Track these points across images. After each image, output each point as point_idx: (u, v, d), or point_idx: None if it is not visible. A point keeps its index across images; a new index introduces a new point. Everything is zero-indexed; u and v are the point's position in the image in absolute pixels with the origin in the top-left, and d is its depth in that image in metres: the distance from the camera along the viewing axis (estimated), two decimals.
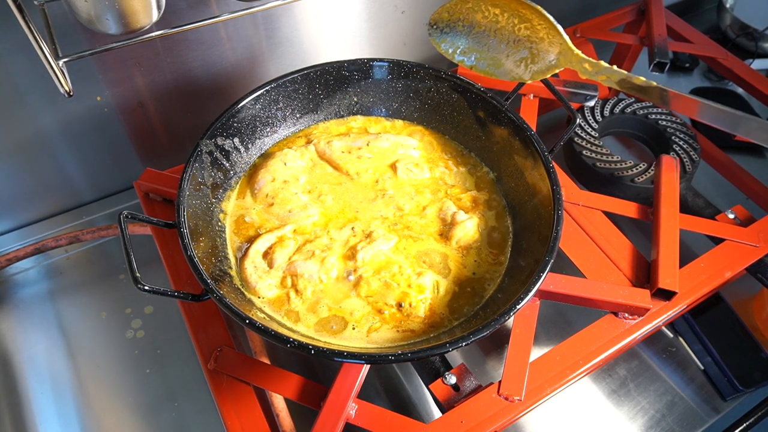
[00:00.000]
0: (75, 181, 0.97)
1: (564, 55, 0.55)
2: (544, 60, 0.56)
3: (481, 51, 0.59)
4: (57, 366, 0.82)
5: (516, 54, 0.58)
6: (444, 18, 0.59)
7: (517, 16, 0.56)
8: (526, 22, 0.56)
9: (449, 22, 0.59)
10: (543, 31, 0.55)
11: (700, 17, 1.48)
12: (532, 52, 0.57)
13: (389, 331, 0.67)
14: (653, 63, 1.02)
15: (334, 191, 0.79)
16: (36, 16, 0.62)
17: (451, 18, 0.59)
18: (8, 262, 0.88)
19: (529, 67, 0.57)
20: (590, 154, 0.97)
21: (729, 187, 1.01)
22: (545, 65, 0.56)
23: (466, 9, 0.58)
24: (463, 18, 0.58)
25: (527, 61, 0.58)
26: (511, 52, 0.58)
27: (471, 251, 0.74)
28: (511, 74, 0.59)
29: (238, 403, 0.66)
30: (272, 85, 0.79)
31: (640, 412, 0.79)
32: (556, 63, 0.56)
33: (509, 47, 0.58)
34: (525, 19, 0.55)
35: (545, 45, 0.56)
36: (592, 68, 0.54)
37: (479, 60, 0.60)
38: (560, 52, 0.55)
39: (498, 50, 0.58)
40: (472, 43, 0.59)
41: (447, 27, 0.60)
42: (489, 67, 0.60)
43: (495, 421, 0.64)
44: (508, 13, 0.56)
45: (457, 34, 0.59)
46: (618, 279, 0.77)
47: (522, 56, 0.58)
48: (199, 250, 0.65)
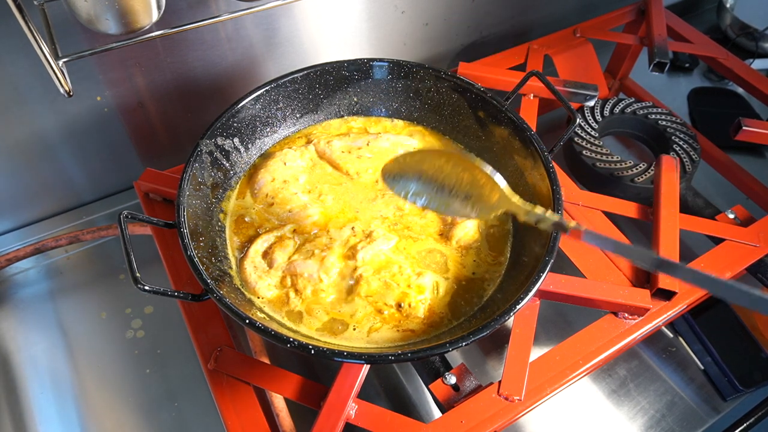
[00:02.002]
0: (75, 181, 0.97)
1: (503, 200, 0.61)
2: (487, 202, 0.62)
3: (430, 194, 0.65)
4: (57, 366, 0.82)
5: (462, 196, 0.64)
6: (394, 170, 0.66)
7: (460, 165, 0.62)
8: (467, 171, 0.62)
9: (399, 172, 0.66)
10: (483, 179, 0.61)
11: (700, 17, 1.48)
12: (475, 195, 0.63)
13: (389, 331, 0.67)
14: (653, 63, 1.02)
15: (334, 191, 0.79)
16: (36, 16, 0.62)
17: (400, 169, 0.66)
18: (8, 262, 0.88)
19: (474, 207, 0.63)
20: (590, 154, 0.97)
21: (729, 187, 1.01)
22: (488, 206, 0.62)
23: (413, 161, 0.65)
24: (411, 168, 0.65)
25: (472, 202, 0.63)
26: (458, 194, 0.64)
27: (471, 251, 0.74)
28: (460, 213, 0.65)
29: (238, 403, 0.66)
30: (272, 85, 0.79)
31: (640, 412, 0.79)
32: (497, 206, 0.62)
33: (455, 191, 0.64)
34: (467, 168, 0.62)
35: (486, 191, 0.62)
36: (529, 212, 0.59)
37: (430, 201, 0.65)
38: (499, 198, 0.61)
39: (445, 193, 0.64)
40: (422, 188, 0.65)
41: (398, 175, 0.66)
42: (439, 207, 0.65)
43: (495, 421, 0.64)
44: (451, 162, 0.62)
45: (407, 181, 0.66)
46: (618, 279, 0.77)
47: (467, 198, 0.64)
48: (199, 250, 0.65)
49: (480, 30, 1.18)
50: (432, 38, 1.13)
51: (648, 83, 1.17)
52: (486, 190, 0.62)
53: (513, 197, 0.61)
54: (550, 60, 1.06)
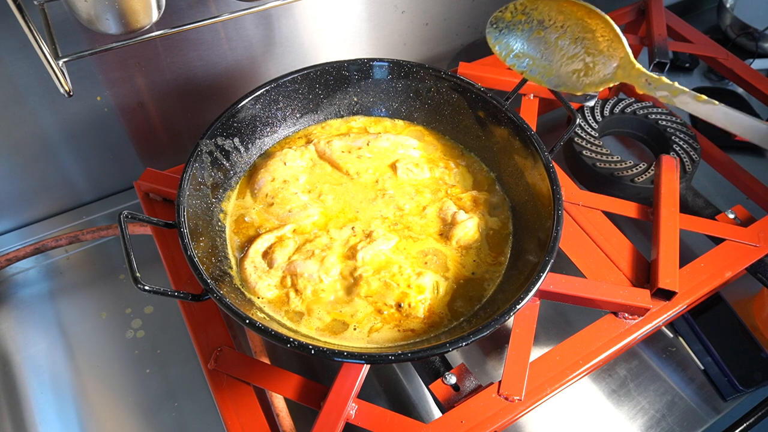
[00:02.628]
0: (75, 181, 0.97)
1: (623, 68, 0.53)
2: (599, 73, 0.55)
3: (535, 58, 0.58)
4: (57, 366, 0.82)
5: (570, 65, 0.57)
6: (506, 18, 0.58)
7: (580, 25, 0.55)
8: (588, 32, 0.54)
9: (510, 23, 0.58)
10: (604, 43, 0.54)
11: (700, 17, 1.48)
12: (587, 65, 0.56)
13: (390, 331, 0.67)
14: (653, 63, 1.02)
15: (334, 191, 0.79)
16: (36, 16, 0.62)
17: (513, 18, 0.58)
18: (8, 262, 0.88)
19: (581, 80, 0.56)
20: (590, 154, 0.97)
21: (729, 187, 1.01)
22: (599, 78, 0.55)
23: (531, 11, 0.57)
24: (525, 21, 0.57)
25: (580, 72, 0.56)
26: (566, 62, 0.57)
27: (471, 251, 0.74)
28: (562, 85, 0.58)
29: (238, 403, 0.66)
30: (272, 85, 0.79)
31: (640, 412, 0.79)
32: (611, 77, 0.55)
33: (565, 57, 0.57)
34: (588, 29, 0.54)
35: (603, 58, 0.55)
36: (653, 83, 0.52)
37: (531, 66, 0.59)
38: (619, 66, 0.54)
39: (553, 59, 0.57)
40: (528, 49, 0.58)
41: (506, 28, 0.58)
42: (540, 75, 0.59)
43: (495, 421, 0.64)
44: (572, 21, 0.55)
45: (514, 37, 0.58)
46: (618, 279, 0.77)
47: (576, 68, 0.56)
48: (199, 250, 0.65)
49: (480, 30, 1.18)
50: (432, 38, 1.13)
51: None
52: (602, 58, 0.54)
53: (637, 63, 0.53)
54: None
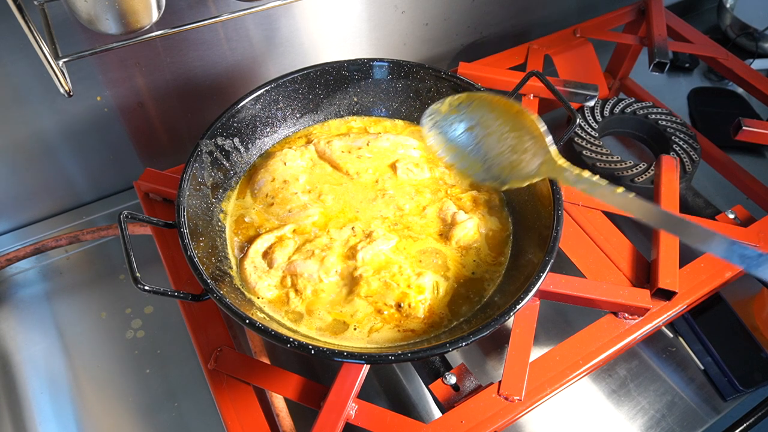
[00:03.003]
0: (75, 181, 0.97)
1: (547, 164, 0.56)
2: (524, 170, 0.57)
3: (464, 153, 0.60)
4: (57, 366, 0.82)
5: (497, 162, 0.59)
6: (441, 111, 0.61)
7: (509, 123, 0.57)
8: (516, 131, 0.57)
9: (445, 116, 0.61)
10: (529, 142, 0.56)
11: (700, 17, 1.48)
12: (512, 163, 0.58)
13: (390, 331, 0.67)
14: (653, 63, 1.02)
15: (334, 191, 0.79)
16: (36, 16, 0.62)
17: (447, 113, 0.61)
18: (8, 262, 0.88)
19: (507, 176, 0.59)
20: (590, 154, 0.97)
21: (729, 187, 1.01)
22: (523, 175, 0.57)
23: (464, 108, 0.60)
24: (458, 117, 0.60)
25: (506, 169, 0.59)
26: (493, 159, 0.59)
27: (471, 251, 0.74)
28: (488, 179, 0.60)
29: (238, 403, 0.66)
30: (272, 85, 0.79)
31: (640, 412, 0.79)
32: (536, 172, 0.57)
33: (492, 154, 0.59)
34: (516, 128, 0.57)
35: (528, 156, 0.57)
36: (573, 177, 0.54)
37: (460, 160, 0.61)
38: (543, 162, 0.56)
39: (480, 155, 0.60)
40: (458, 144, 0.60)
41: (441, 121, 0.61)
42: (467, 169, 0.61)
43: (495, 421, 0.64)
44: (502, 119, 0.58)
45: (447, 131, 0.61)
46: (618, 279, 0.77)
47: (503, 164, 0.59)
48: (199, 250, 0.65)
49: (480, 30, 1.18)
50: (432, 38, 1.13)
51: (648, 83, 1.17)
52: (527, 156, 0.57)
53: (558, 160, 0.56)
54: (550, 60, 1.06)
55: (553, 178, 0.56)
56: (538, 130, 0.56)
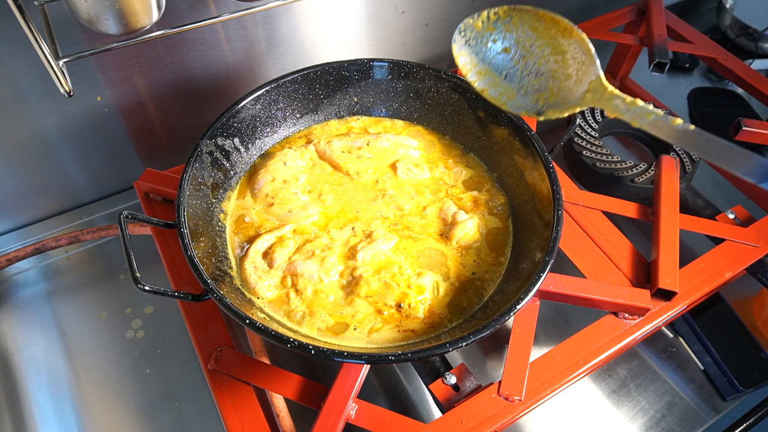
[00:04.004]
0: (75, 181, 0.97)
1: (593, 92, 0.50)
2: (566, 98, 0.51)
3: (497, 77, 0.54)
4: (57, 366, 0.82)
5: (534, 88, 0.53)
6: (476, 27, 0.54)
7: (551, 45, 0.52)
8: (558, 54, 0.51)
9: (478, 34, 0.54)
10: (573, 66, 0.51)
11: (700, 17, 1.48)
12: (552, 89, 0.52)
13: (390, 331, 0.67)
14: (653, 63, 1.02)
15: (334, 191, 0.79)
16: (36, 16, 0.62)
17: (482, 29, 0.54)
18: (8, 262, 0.88)
19: (545, 104, 0.52)
20: (590, 154, 0.97)
21: (729, 187, 1.01)
22: (565, 103, 0.51)
23: (502, 25, 0.53)
24: (494, 35, 0.54)
25: (545, 96, 0.53)
26: (530, 85, 0.53)
27: (471, 251, 0.74)
28: (523, 108, 0.54)
29: (238, 403, 0.66)
30: (272, 85, 0.79)
31: (640, 412, 0.79)
32: (579, 101, 0.50)
33: (529, 79, 0.53)
34: (559, 50, 0.51)
35: (570, 83, 0.51)
36: (625, 106, 0.48)
37: (492, 85, 0.55)
38: (589, 90, 0.50)
39: (516, 80, 0.54)
40: (492, 66, 0.54)
41: (474, 39, 0.54)
42: (501, 95, 0.55)
43: (495, 421, 0.64)
44: (544, 40, 0.52)
45: (480, 51, 0.54)
46: (618, 279, 0.77)
47: (540, 92, 0.53)
48: (199, 250, 0.65)
49: None
50: (432, 38, 1.13)
51: (648, 83, 1.17)
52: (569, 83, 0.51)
53: (609, 86, 0.50)
54: None
55: (600, 107, 0.50)
56: (589, 50, 0.51)
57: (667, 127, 0.47)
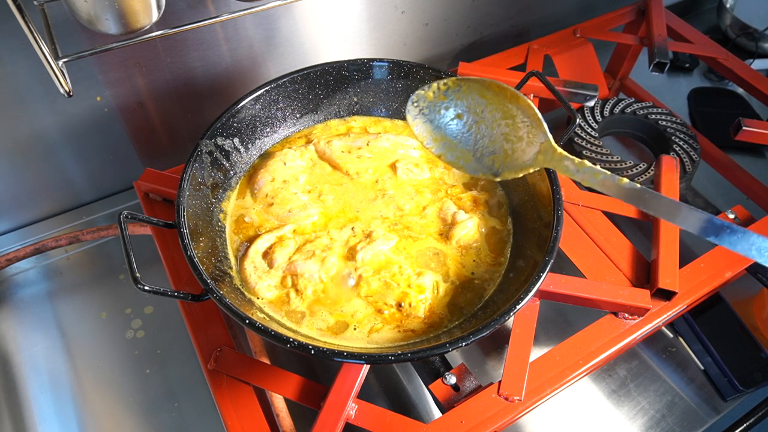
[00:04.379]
0: (75, 181, 0.97)
1: (545, 153, 0.52)
2: (518, 160, 0.53)
3: (453, 142, 0.56)
4: (57, 366, 0.82)
5: (489, 150, 0.55)
6: (428, 97, 0.56)
7: (501, 110, 0.54)
8: (508, 118, 0.53)
9: (431, 104, 0.56)
10: (524, 129, 0.53)
11: (700, 17, 1.48)
12: (507, 151, 0.54)
13: (390, 331, 0.67)
14: (653, 63, 1.02)
15: (334, 191, 0.79)
16: (36, 16, 0.62)
17: (434, 99, 0.56)
18: (8, 262, 0.88)
19: (501, 165, 0.54)
20: (590, 154, 0.97)
21: (729, 187, 1.01)
22: (519, 165, 0.53)
23: (453, 94, 0.56)
24: (446, 104, 0.56)
25: (500, 158, 0.55)
26: (485, 148, 0.55)
27: (471, 251, 0.74)
28: (480, 170, 0.56)
29: (238, 403, 0.66)
30: (272, 85, 0.79)
31: (640, 412, 0.79)
32: (532, 162, 0.53)
33: (483, 143, 0.55)
34: (509, 115, 0.53)
35: (522, 145, 0.53)
36: (574, 167, 0.50)
37: (449, 150, 0.57)
38: (540, 151, 0.52)
39: (471, 144, 0.56)
40: (447, 132, 0.56)
41: (427, 108, 0.56)
42: (457, 159, 0.57)
43: (495, 421, 0.64)
44: (494, 105, 0.54)
45: (434, 118, 0.56)
46: (618, 279, 0.77)
47: (495, 154, 0.55)
48: (199, 250, 0.65)
49: (480, 30, 1.18)
50: (432, 38, 1.13)
51: (648, 83, 1.17)
52: (522, 145, 0.53)
53: (558, 148, 0.52)
54: (550, 60, 1.06)
55: (552, 168, 0.53)
56: (536, 115, 0.53)
57: (615, 186, 0.49)
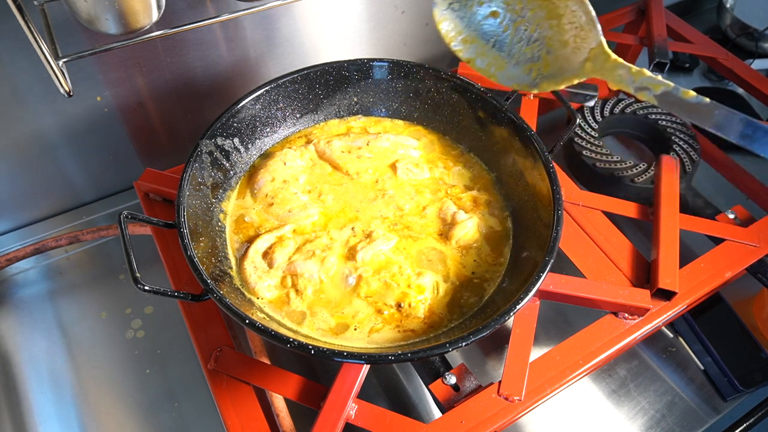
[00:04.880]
0: (75, 181, 0.97)
1: (594, 61, 0.44)
2: (562, 68, 0.46)
3: (485, 45, 0.49)
4: (57, 366, 0.82)
5: (526, 57, 0.48)
6: None
7: (545, 8, 0.46)
8: (553, 18, 0.45)
9: None
10: (571, 32, 0.45)
11: (700, 17, 1.48)
12: (547, 59, 0.47)
13: (390, 331, 0.67)
14: (653, 63, 1.02)
15: (334, 191, 0.79)
16: (36, 16, 0.62)
17: None
18: (8, 262, 0.88)
19: (539, 75, 0.47)
20: (590, 154, 0.97)
21: (729, 187, 1.01)
22: (562, 74, 0.46)
23: None
24: None
25: (539, 66, 0.47)
26: (522, 54, 0.48)
27: (471, 251, 0.74)
28: (515, 80, 0.49)
29: (238, 403, 0.66)
30: (272, 85, 0.79)
31: (640, 412, 0.79)
32: (578, 72, 0.45)
33: (521, 47, 0.48)
34: (554, 14, 0.45)
35: (567, 51, 0.46)
36: (630, 77, 0.44)
37: (480, 54, 0.50)
38: (588, 58, 0.44)
39: (506, 49, 0.48)
40: (479, 33, 0.49)
41: (458, 2, 0.49)
42: (489, 66, 0.50)
43: (495, 421, 0.64)
44: (537, 2, 0.46)
45: (465, 15, 0.49)
46: (618, 279, 0.77)
47: (533, 61, 0.48)
48: (199, 250, 0.65)
49: None
50: (432, 38, 1.13)
51: None
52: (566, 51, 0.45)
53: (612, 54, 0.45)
54: None
55: (603, 78, 0.45)
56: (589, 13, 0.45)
57: (679, 101, 0.43)
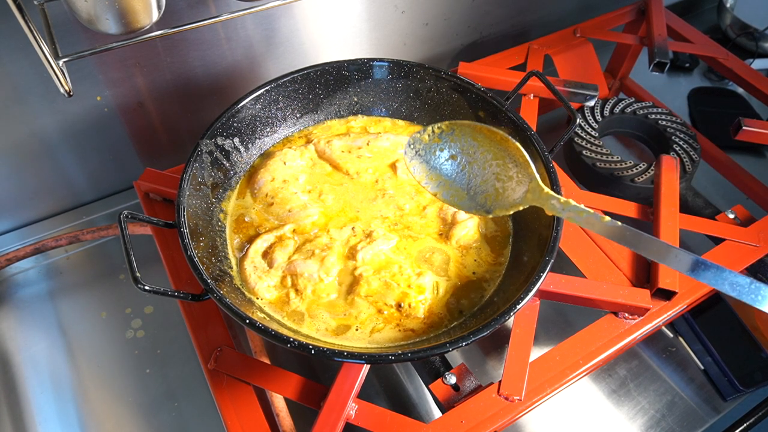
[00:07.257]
0: (75, 181, 0.97)
1: (533, 192, 0.56)
2: (510, 197, 0.58)
3: (448, 181, 0.61)
4: (57, 366, 0.82)
5: (481, 189, 0.60)
6: (423, 140, 0.61)
7: (491, 152, 0.58)
8: (499, 159, 0.58)
9: (427, 146, 0.61)
10: (513, 170, 0.57)
11: (700, 17, 1.48)
12: (498, 190, 0.59)
13: (390, 331, 0.67)
14: (653, 63, 1.02)
15: (334, 191, 0.79)
16: (36, 16, 0.62)
17: (429, 141, 0.61)
18: (8, 262, 0.88)
19: (493, 203, 0.59)
20: (590, 154, 0.97)
21: (729, 187, 1.01)
22: (510, 203, 0.58)
23: (446, 136, 0.60)
24: (440, 146, 0.61)
25: (492, 197, 0.59)
26: (478, 187, 0.60)
27: (471, 251, 0.74)
28: (473, 208, 0.60)
29: (238, 403, 0.66)
30: (272, 85, 0.79)
31: (640, 412, 0.79)
32: (521, 201, 0.57)
33: (476, 182, 0.60)
34: (499, 156, 0.58)
35: (513, 184, 0.57)
36: (560, 206, 0.55)
37: (444, 189, 0.61)
38: (529, 190, 0.56)
39: (465, 183, 0.60)
40: (441, 172, 0.61)
41: (423, 150, 0.61)
42: (452, 197, 0.61)
43: (495, 421, 0.64)
44: (485, 147, 0.59)
45: (429, 159, 0.61)
46: (618, 279, 0.77)
47: (486, 192, 0.59)
48: (199, 250, 0.65)
49: (480, 30, 1.18)
50: (432, 38, 1.13)
51: (648, 83, 1.17)
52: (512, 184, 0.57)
53: (544, 187, 0.56)
54: (550, 60, 1.06)
55: (539, 206, 0.56)
56: (523, 157, 0.57)
57: (599, 224, 0.52)
